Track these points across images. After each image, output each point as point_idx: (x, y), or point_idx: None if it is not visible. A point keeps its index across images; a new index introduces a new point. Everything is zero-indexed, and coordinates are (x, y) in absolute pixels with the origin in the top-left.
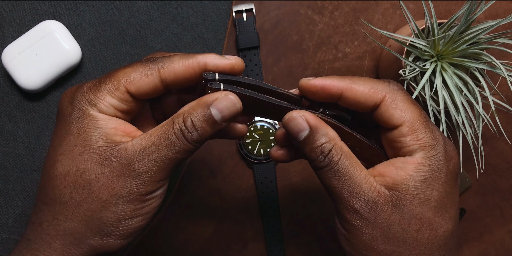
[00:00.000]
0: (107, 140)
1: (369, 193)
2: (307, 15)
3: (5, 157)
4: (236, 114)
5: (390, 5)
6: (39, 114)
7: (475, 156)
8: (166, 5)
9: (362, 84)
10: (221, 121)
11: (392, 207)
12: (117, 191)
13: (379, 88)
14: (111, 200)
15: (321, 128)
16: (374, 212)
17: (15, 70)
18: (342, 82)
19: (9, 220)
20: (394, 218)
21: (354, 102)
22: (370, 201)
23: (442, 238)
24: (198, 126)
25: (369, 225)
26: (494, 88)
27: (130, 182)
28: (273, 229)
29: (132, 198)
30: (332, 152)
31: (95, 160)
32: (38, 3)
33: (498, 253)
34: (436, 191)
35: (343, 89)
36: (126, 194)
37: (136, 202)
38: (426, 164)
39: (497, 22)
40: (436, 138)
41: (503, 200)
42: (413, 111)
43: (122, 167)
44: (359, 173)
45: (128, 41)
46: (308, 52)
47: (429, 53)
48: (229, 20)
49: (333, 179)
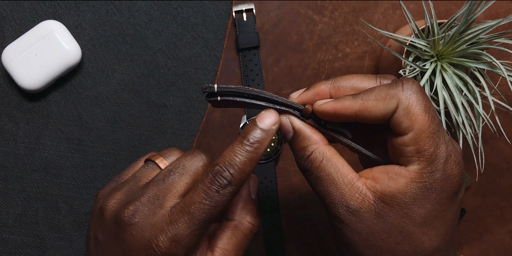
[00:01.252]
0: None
1: (351, 200)
2: (307, 15)
3: (5, 157)
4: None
5: (390, 5)
6: (39, 114)
7: (475, 156)
8: (166, 5)
9: (374, 99)
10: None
11: (375, 216)
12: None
13: (393, 97)
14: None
15: (304, 131)
16: (355, 220)
17: (15, 70)
18: (355, 104)
19: (9, 220)
20: (375, 227)
21: (370, 121)
22: (351, 209)
23: (423, 253)
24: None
25: (349, 230)
26: (494, 88)
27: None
28: (273, 229)
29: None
30: (311, 156)
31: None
32: (38, 3)
33: (498, 253)
34: (424, 209)
35: (357, 111)
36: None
37: None
38: (418, 181)
39: (497, 22)
40: (438, 154)
41: (503, 200)
42: (423, 122)
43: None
44: (343, 179)
45: (128, 41)
46: (308, 52)
47: (429, 53)
48: (229, 20)
49: (315, 184)
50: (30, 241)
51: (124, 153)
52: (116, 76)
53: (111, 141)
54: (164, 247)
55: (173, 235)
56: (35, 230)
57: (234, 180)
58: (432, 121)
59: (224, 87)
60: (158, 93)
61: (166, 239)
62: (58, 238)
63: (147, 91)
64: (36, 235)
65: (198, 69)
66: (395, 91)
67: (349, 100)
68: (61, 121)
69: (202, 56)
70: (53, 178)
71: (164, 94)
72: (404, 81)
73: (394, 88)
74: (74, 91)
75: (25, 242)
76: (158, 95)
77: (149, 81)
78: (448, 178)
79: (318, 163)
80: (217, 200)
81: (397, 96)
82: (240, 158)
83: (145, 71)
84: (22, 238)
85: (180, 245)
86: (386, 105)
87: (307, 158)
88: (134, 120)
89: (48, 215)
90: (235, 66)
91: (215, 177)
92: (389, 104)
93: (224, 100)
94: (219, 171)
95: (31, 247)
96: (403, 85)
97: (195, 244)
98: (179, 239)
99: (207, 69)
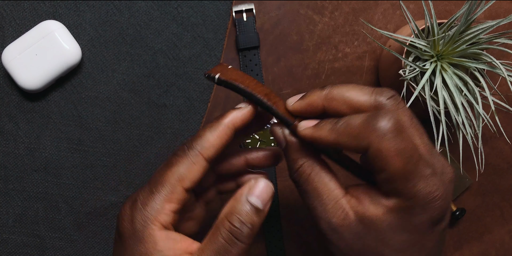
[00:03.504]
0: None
1: (333, 217)
2: (307, 15)
3: (5, 157)
4: (273, 194)
5: (390, 5)
6: (39, 114)
7: (475, 156)
8: (166, 5)
9: (348, 135)
10: (263, 207)
11: (354, 236)
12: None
13: (364, 139)
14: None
15: (295, 144)
16: (337, 237)
17: (15, 70)
18: (331, 135)
19: (9, 220)
20: (354, 246)
21: (349, 151)
22: (333, 226)
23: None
24: (246, 221)
25: (331, 245)
26: (494, 88)
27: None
28: (273, 229)
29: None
30: (300, 169)
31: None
32: (38, 3)
33: (498, 253)
34: (400, 236)
35: (334, 142)
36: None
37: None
38: (395, 213)
39: (497, 22)
40: (415, 193)
41: (503, 200)
42: (395, 166)
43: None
44: (328, 194)
45: (128, 41)
46: (308, 52)
47: (429, 53)
48: (229, 20)
49: (303, 197)
50: (30, 241)
51: (124, 153)
52: (116, 76)
53: (111, 141)
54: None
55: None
56: (35, 230)
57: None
58: (407, 161)
59: (223, 80)
60: (158, 93)
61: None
62: (58, 238)
63: (147, 91)
64: (36, 235)
65: (198, 69)
66: (366, 132)
67: (326, 131)
68: (61, 121)
69: (202, 56)
70: (53, 178)
71: (164, 94)
72: (380, 118)
73: (367, 127)
74: (74, 91)
75: (25, 242)
76: (158, 95)
77: (149, 81)
78: (427, 212)
79: (306, 177)
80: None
81: (368, 138)
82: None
83: (145, 71)
84: (22, 238)
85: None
86: (359, 143)
87: (296, 171)
88: (134, 120)
89: (48, 215)
90: (235, 66)
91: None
92: (361, 142)
93: (222, 85)
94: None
95: (31, 247)
96: (377, 123)
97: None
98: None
99: (207, 69)
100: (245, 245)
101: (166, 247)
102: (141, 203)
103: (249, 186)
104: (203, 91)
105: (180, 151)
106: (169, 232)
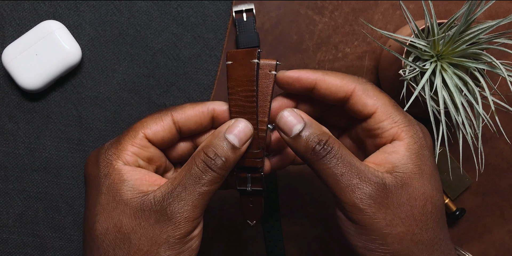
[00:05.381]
0: (134, 191)
1: (376, 178)
2: (307, 15)
3: (5, 157)
4: (251, 136)
5: (390, 5)
6: (39, 114)
7: (475, 156)
8: (166, 5)
9: (333, 76)
10: (240, 145)
11: (399, 188)
12: (156, 239)
13: (349, 80)
14: (152, 250)
15: (315, 122)
16: (385, 195)
17: (15, 70)
18: (315, 74)
19: (9, 220)
20: (402, 198)
21: (327, 93)
22: (380, 184)
23: (439, 209)
24: (220, 154)
25: (383, 209)
26: (494, 88)
27: (166, 227)
28: (273, 229)
29: (172, 243)
30: (330, 140)
31: (128, 213)
32: (38, 3)
33: (498, 253)
34: (427, 165)
35: (316, 80)
36: (165, 241)
37: (177, 246)
38: (412, 142)
39: (497, 22)
40: (409, 119)
41: (503, 200)
42: (384, 98)
43: (155, 214)
44: (359, 162)
45: (128, 41)
46: (308, 52)
47: (429, 53)
48: (229, 20)
49: (338, 167)
50: (30, 241)
51: None
52: (116, 76)
53: None
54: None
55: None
56: (35, 230)
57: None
58: (390, 97)
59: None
60: (158, 93)
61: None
62: (58, 238)
63: (147, 91)
64: (36, 235)
65: (198, 69)
66: (351, 78)
67: (311, 71)
68: (61, 121)
69: (202, 56)
70: (53, 178)
71: (164, 94)
72: (357, 76)
73: (351, 76)
74: (74, 91)
75: (25, 242)
76: (158, 95)
77: (149, 81)
78: (426, 135)
79: (337, 146)
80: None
81: (354, 81)
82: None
83: (145, 71)
84: (22, 238)
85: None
86: (343, 85)
87: (326, 142)
88: (134, 120)
89: (48, 215)
90: None
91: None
92: (346, 85)
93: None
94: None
95: (31, 247)
96: (358, 77)
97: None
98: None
99: (207, 69)
100: (217, 174)
101: (133, 177)
102: (106, 148)
103: (228, 124)
104: (203, 91)
105: (156, 111)
106: (134, 167)
